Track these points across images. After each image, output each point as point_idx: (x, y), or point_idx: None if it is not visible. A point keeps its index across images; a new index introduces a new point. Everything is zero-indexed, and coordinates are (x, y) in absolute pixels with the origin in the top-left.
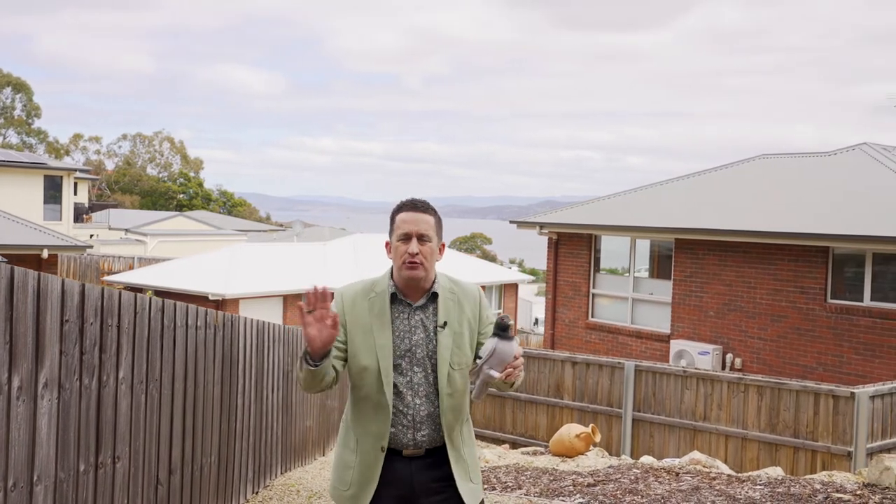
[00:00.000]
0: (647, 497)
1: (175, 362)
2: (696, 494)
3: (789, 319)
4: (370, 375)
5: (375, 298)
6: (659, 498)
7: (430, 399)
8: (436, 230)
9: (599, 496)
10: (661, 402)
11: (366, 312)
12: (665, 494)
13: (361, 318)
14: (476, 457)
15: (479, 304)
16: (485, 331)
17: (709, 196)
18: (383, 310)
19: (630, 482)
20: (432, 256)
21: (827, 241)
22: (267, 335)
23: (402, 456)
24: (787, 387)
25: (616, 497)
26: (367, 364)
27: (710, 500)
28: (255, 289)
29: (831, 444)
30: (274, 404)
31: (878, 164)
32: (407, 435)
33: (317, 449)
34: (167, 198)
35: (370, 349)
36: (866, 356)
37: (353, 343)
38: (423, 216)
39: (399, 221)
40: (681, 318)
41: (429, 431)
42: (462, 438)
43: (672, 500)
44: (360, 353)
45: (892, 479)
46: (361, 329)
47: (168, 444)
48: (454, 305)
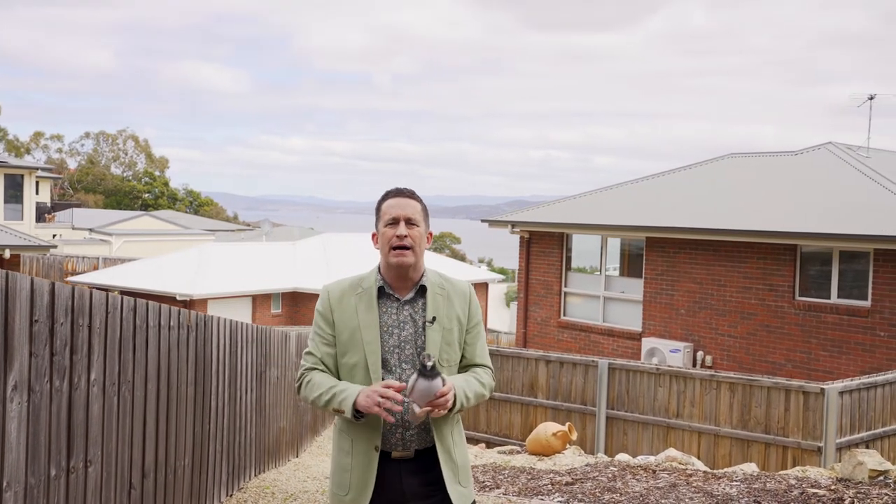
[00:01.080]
0: (626, 495)
1: (148, 363)
2: (673, 492)
3: (758, 317)
4: (359, 373)
5: (363, 294)
6: (637, 496)
7: None
8: (423, 216)
9: (578, 494)
10: (634, 400)
11: (353, 308)
12: (643, 492)
13: (349, 314)
14: (467, 459)
15: (468, 301)
16: (473, 329)
17: (679, 195)
18: (370, 305)
19: (608, 480)
20: (421, 242)
21: (795, 239)
22: (240, 336)
23: (391, 459)
24: (759, 383)
25: (595, 495)
26: (356, 361)
27: (688, 497)
28: (223, 289)
29: (802, 440)
30: (247, 405)
31: (843, 163)
32: (395, 434)
33: (290, 450)
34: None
35: (357, 346)
36: (833, 353)
37: (341, 340)
38: (409, 201)
39: (385, 207)
40: (652, 316)
41: (417, 431)
42: (453, 440)
43: (650, 497)
44: (348, 351)
45: (866, 473)
46: (349, 326)
47: (141, 447)
48: (443, 301)
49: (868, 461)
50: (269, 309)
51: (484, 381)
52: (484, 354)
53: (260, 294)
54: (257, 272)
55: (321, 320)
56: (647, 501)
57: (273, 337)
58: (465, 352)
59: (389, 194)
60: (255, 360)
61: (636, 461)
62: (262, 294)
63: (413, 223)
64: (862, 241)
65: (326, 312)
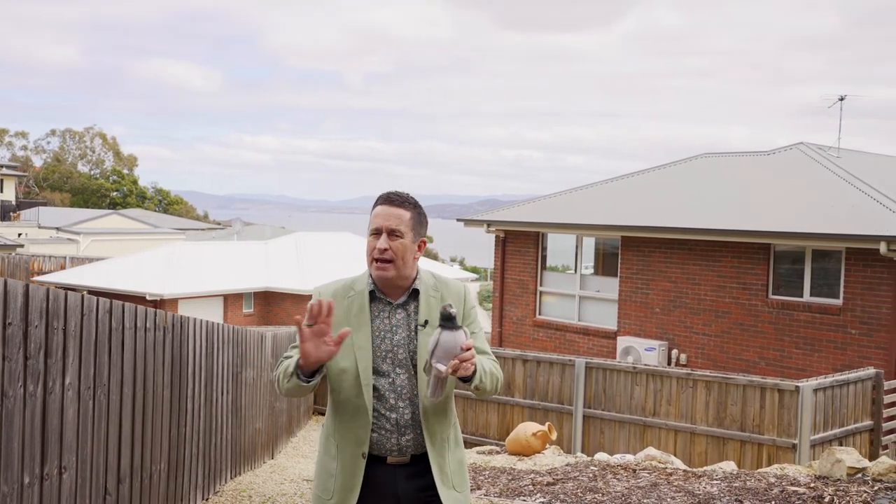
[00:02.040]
0: (608, 495)
1: (123, 366)
2: (655, 491)
3: (732, 315)
4: (349, 378)
5: (355, 297)
6: (619, 496)
7: (413, 402)
8: (410, 225)
9: (560, 495)
10: (611, 399)
11: (344, 312)
12: (625, 492)
13: (339, 318)
14: (464, 463)
15: (463, 301)
16: (469, 327)
17: (653, 194)
18: (362, 308)
19: (589, 480)
20: (405, 253)
21: (768, 238)
22: (216, 336)
23: (385, 464)
24: (735, 381)
25: (577, 496)
26: (346, 366)
27: (670, 496)
28: (194, 288)
29: (777, 437)
30: (223, 407)
31: (814, 162)
32: (391, 440)
33: (266, 452)
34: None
35: (348, 350)
36: (806, 350)
37: None
38: (396, 210)
39: (372, 215)
40: (627, 314)
41: (413, 436)
42: (448, 445)
43: (632, 497)
44: (338, 355)
45: (844, 471)
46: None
47: (117, 452)
48: (437, 303)
49: (846, 458)
50: (241, 309)
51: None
52: (485, 348)
53: (231, 294)
54: (229, 271)
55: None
56: (630, 501)
57: (249, 337)
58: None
59: (379, 200)
60: (231, 361)
61: (616, 460)
62: (233, 294)
63: (396, 235)
64: (834, 240)
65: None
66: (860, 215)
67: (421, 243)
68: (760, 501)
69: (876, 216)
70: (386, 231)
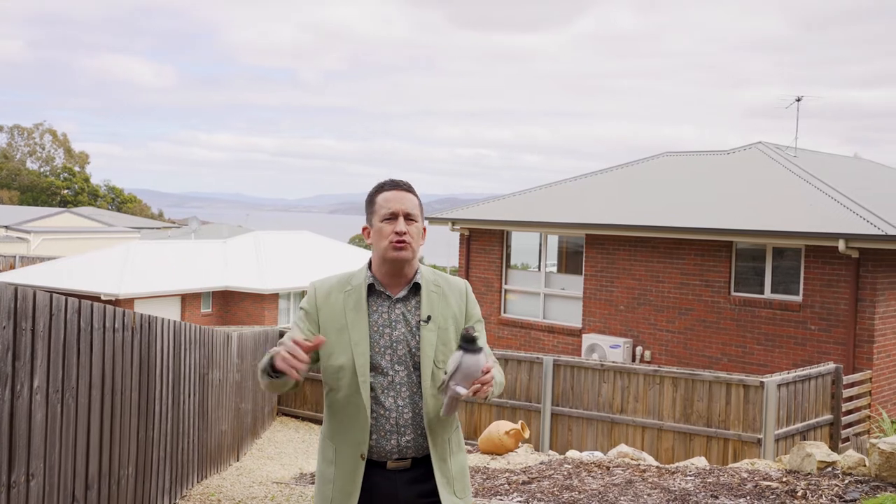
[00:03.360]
0: (585, 493)
1: (92, 368)
2: (631, 488)
3: (695, 312)
4: (345, 376)
5: (351, 292)
6: (596, 493)
7: (413, 401)
8: (419, 211)
9: (537, 493)
10: (578, 396)
11: (340, 307)
12: (601, 489)
13: (335, 313)
14: (465, 467)
15: (465, 298)
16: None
17: (617, 192)
18: (359, 303)
19: (564, 478)
20: (419, 238)
21: (730, 236)
22: (183, 337)
23: (386, 469)
24: (701, 378)
25: (553, 494)
26: (342, 363)
27: (646, 493)
28: (151, 288)
29: (742, 432)
30: (190, 409)
31: (773, 162)
32: (390, 441)
33: (231, 454)
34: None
35: (345, 347)
36: (767, 346)
37: (327, 342)
38: (407, 195)
39: (381, 201)
40: (592, 312)
41: (413, 437)
42: (449, 447)
43: (609, 494)
44: (334, 352)
45: (814, 465)
46: (335, 326)
47: (85, 458)
48: (438, 299)
49: (816, 453)
50: (199, 308)
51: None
52: (487, 349)
53: (189, 293)
54: (186, 271)
55: (304, 318)
56: (607, 499)
57: (215, 338)
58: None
59: (385, 186)
60: (198, 361)
61: (589, 458)
62: (191, 293)
63: (412, 218)
64: (794, 237)
65: (312, 310)
66: (819, 213)
67: (423, 230)
68: (735, 497)
69: (834, 214)
70: (402, 214)
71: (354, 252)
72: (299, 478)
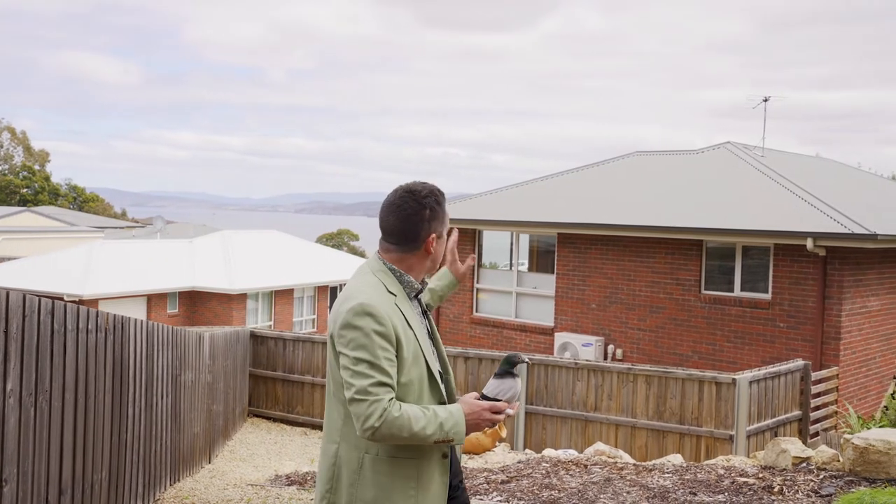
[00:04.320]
0: (564, 491)
1: (66, 370)
2: (610, 486)
3: (666, 310)
4: (414, 388)
5: (400, 299)
6: (575, 491)
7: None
8: None
9: (517, 493)
10: (553, 395)
11: (402, 319)
12: (580, 487)
13: (402, 326)
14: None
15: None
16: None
17: (589, 191)
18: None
19: (542, 476)
20: None
21: (700, 234)
22: (156, 338)
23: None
24: (674, 375)
25: (533, 493)
26: (415, 375)
27: (626, 490)
28: (116, 288)
29: (714, 429)
30: (163, 412)
31: (741, 161)
32: None
33: (203, 457)
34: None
35: (419, 358)
36: (737, 343)
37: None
38: None
39: (447, 216)
40: (564, 311)
41: None
42: None
43: (588, 492)
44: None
45: (790, 460)
46: (409, 343)
47: (58, 462)
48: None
49: (791, 448)
50: (165, 309)
51: None
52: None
53: (155, 293)
54: (152, 271)
55: (386, 341)
56: (587, 497)
57: (187, 339)
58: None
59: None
60: (171, 363)
61: (566, 456)
62: (157, 293)
63: None
64: (763, 236)
65: (389, 332)
66: (787, 212)
67: None
68: (714, 493)
69: (802, 213)
70: None
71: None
72: (274, 479)
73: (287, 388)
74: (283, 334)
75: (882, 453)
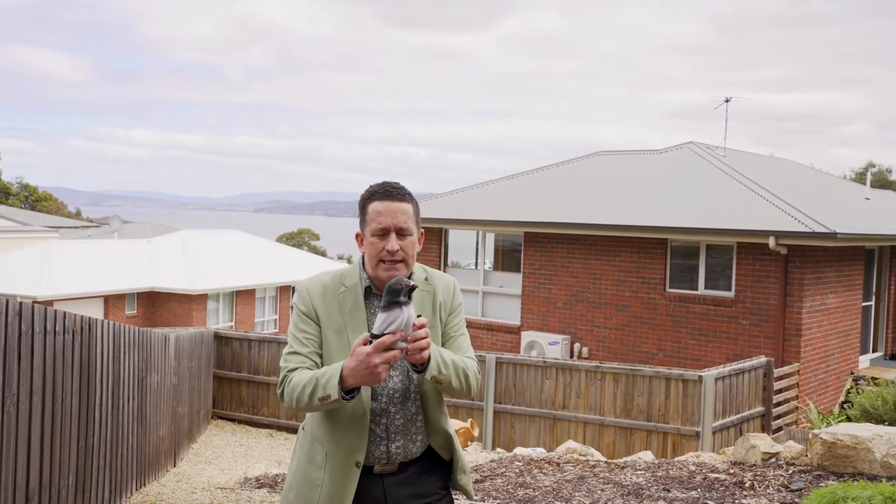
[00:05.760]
0: (539, 490)
1: (33, 374)
2: (584, 484)
3: (632, 308)
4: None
5: (347, 293)
6: (550, 490)
7: (406, 407)
8: (415, 220)
9: (492, 492)
10: (521, 393)
11: (337, 308)
12: (554, 486)
13: (333, 315)
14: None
15: (452, 293)
16: (453, 320)
17: (554, 191)
18: (357, 306)
19: (516, 475)
20: (413, 251)
21: (665, 233)
22: (123, 339)
23: (372, 473)
24: (641, 373)
25: (508, 492)
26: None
27: (599, 488)
28: (72, 289)
29: (681, 426)
30: (129, 414)
31: (703, 161)
32: (380, 447)
33: (168, 460)
34: None
35: (344, 350)
36: (701, 341)
37: (327, 343)
38: (400, 205)
39: (372, 213)
40: (530, 309)
41: (403, 443)
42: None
43: (563, 491)
44: (333, 356)
45: (759, 456)
46: (334, 328)
47: (25, 469)
48: (428, 297)
49: (760, 444)
50: (124, 310)
51: (468, 364)
52: (467, 348)
53: (113, 294)
54: (109, 271)
55: (303, 320)
56: (562, 495)
57: (153, 340)
58: (444, 345)
59: (377, 195)
60: (137, 365)
61: (539, 455)
62: (115, 294)
63: (405, 233)
64: (726, 235)
65: (310, 311)
66: (749, 211)
67: (420, 235)
68: (687, 490)
69: (764, 212)
70: (395, 230)
71: (284, 251)
72: (244, 482)
73: (252, 389)
74: (248, 335)
75: (849, 448)
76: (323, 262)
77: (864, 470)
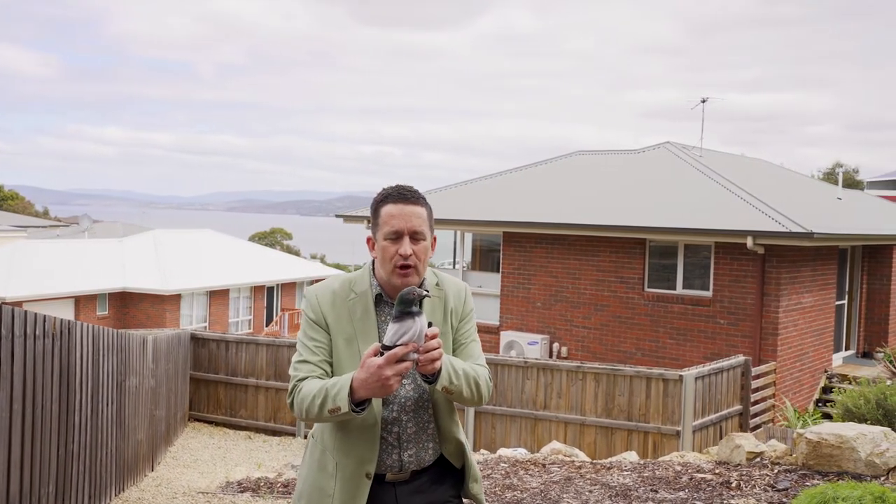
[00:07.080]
0: (527, 491)
1: (13, 379)
2: (571, 485)
3: (611, 308)
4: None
5: (357, 300)
6: (538, 491)
7: (418, 415)
8: (428, 224)
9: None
10: (502, 394)
11: (347, 316)
12: (542, 487)
13: (342, 322)
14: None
15: (463, 299)
16: (464, 326)
17: (532, 190)
18: (367, 313)
19: (503, 477)
20: (426, 256)
21: (644, 233)
22: (102, 343)
23: (384, 481)
24: (622, 373)
25: (496, 494)
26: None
27: (587, 489)
28: (41, 290)
29: (662, 425)
30: (108, 419)
31: (681, 161)
32: (392, 456)
33: (146, 464)
34: None
35: (354, 359)
36: (679, 340)
37: (337, 352)
38: (414, 209)
39: (385, 216)
40: (510, 309)
41: (415, 451)
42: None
43: (551, 492)
44: (343, 364)
45: (744, 456)
46: (344, 336)
47: (6, 477)
48: (439, 303)
49: (745, 444)
50: (95, 311)
51: (479, 372)
52: (479, 355)
53: (84, 295)
54: (80, 271)
55: (313, 327)
56: (549, 496)
57: (131, 343)
58: (455, 352)
59: (390, 197)
60: (116, 368)
61: (523, 456)
62: (85, 295)
63: (418, 237)
64: (705, 234)
65: (319, 318)
66: (727, 211)
67: (433, 241)
68: (674, 490)
69: (741, 212)
70: (408, 233)
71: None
72: (225, 486)
73: (230, 391)
74: (225, 336)
75: (834, 447)
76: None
77: (848, 469)
